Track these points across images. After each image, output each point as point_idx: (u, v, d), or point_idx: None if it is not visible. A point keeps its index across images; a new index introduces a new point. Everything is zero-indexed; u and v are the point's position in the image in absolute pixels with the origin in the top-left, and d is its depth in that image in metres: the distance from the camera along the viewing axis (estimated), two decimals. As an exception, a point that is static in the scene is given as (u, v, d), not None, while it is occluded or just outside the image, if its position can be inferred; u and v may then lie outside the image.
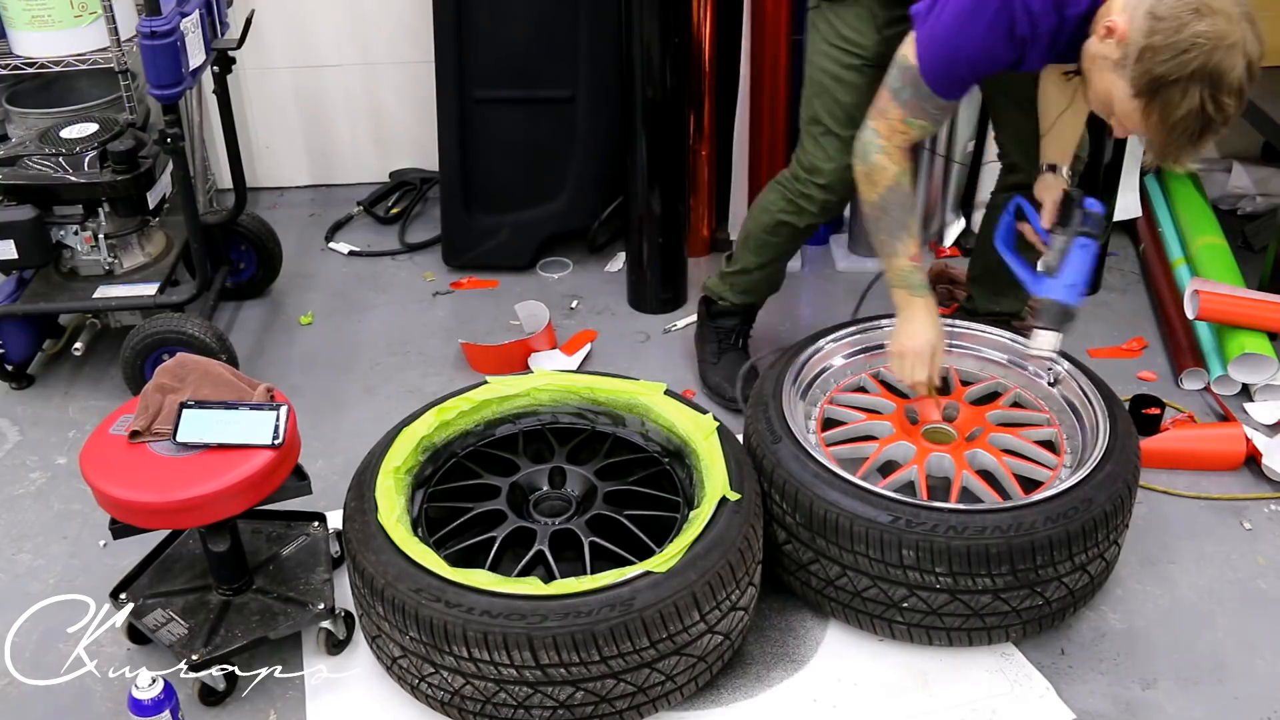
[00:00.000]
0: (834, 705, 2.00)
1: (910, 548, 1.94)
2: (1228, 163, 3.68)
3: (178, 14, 2.53)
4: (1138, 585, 2.26)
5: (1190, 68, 1.74)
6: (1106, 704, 2.02)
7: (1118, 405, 2.24)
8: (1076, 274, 2.21)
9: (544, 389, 2.31)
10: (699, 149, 3.24)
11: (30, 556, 2.37)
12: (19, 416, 2.80)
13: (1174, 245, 3.23)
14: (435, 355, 3.02)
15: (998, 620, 2.02)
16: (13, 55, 2.94)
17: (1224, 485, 2.52)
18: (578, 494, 2.17)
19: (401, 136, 3.82)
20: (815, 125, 2.40)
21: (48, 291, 2.80)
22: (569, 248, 3.45)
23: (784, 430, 2.15)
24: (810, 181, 2.44)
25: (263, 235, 3.19)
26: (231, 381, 2.06)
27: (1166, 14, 1.75)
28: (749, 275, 2.70)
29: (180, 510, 1.89)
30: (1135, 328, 3.08)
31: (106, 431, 1.98)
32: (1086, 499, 2.00)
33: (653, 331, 3.11)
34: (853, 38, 2.30)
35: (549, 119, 3.24)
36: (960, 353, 2.48)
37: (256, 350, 3.04)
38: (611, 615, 1.78)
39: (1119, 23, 1.81)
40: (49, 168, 2.71)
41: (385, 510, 1.97)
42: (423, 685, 1.91)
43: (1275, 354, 2.74)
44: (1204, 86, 1.75)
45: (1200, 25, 1.73)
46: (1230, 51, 1.74)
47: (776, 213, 2.54)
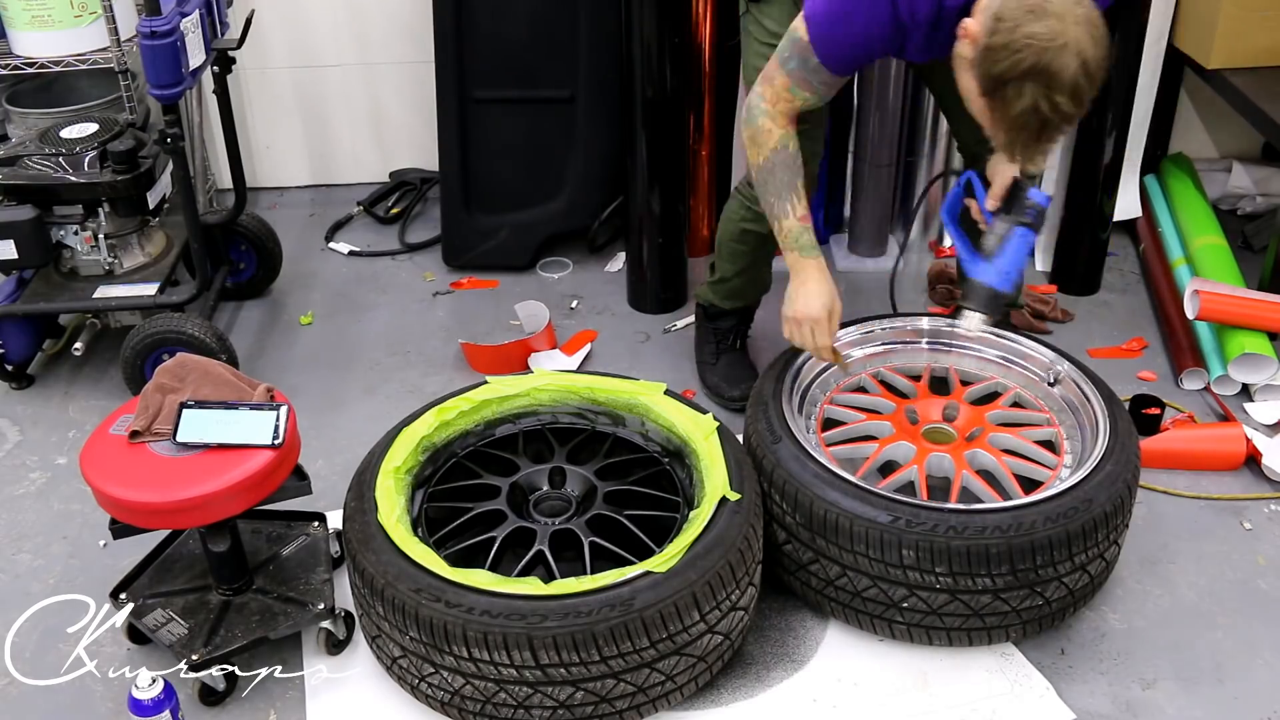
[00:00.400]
0: (834, 705, 2.01)
1: (910, 548, 1.94)
2: (1228, 163, 3.68)
3: (178, 14, 2.53)
4: (1138, 585, 2.26)
5: (1022, 67, 1.79)
6: (1106, 704, 2.02)
7: (1118, 405, 2.24)
8: (1011, 261, 2.22)
9: (544, 389, 2.31)
10: (699, 149, 3.24)
11: (30, 556, 2.37)
12: (19, 416, 2.80)
13: (1174, 245, 3.23)
14: (435, 355, 3.02)
15: (998, 620, 2.02)
16: (13, 55, 2.95)
17: (1224, 485, 2.52)
18: (578, 494, 2.17)
19: (401, 136, 3.82)
20: None
21: (48, 291, 2.80)
22: (569, 248, 3.45)
23: (784, 430, 2.15)
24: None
25: (263, 235, 3.19)
26: (231, 381, 2.06)
27: (1006, 15, 1.82)
28: (729, 283, 2.72)
29: (180, 510, 1.89)
30: (1135, 328, 3.08)
31: (106, 431, 1.98)
32: (1086, 499, 2.00)
33: (653, 331, 3.11)
34: (777, 30, 2.30)
35: (549, 119, 3.25)
36: (960, 353, 2.48)
37: (256, 350, 3.04)
38: (611, 615, 1.78)
39: (972, 24, 1.87)
40: (49, 168, 2.71)
41: (385, 510, 1.97)
42: (423, 685, 1.91)
43: (1275, 354, 2.74)
44: (1037, 85, 1.80)
45: (1034, 26, 1.79)
46: (1061, 52, 1.78)
47: (739, 221, 2.57)
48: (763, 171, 2.23)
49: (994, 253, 2.22)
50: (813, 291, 2.25)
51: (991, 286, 2.21)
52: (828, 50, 2.07)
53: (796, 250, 2.25)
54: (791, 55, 2.12)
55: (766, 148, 2.21)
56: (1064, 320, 3.09)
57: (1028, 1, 1.80)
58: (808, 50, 2.08)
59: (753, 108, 2.21)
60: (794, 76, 2.13)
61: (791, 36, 2.12)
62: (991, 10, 1.84)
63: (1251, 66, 3.11)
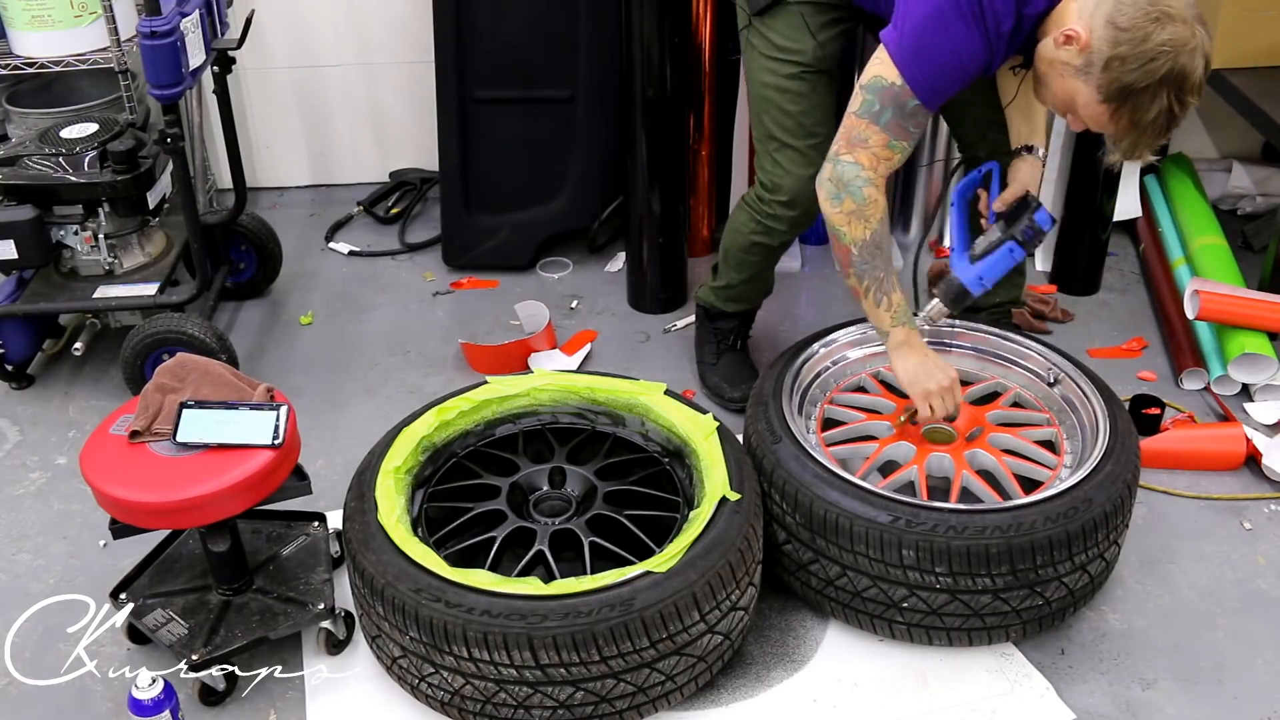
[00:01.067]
0: (834, 705, 2.01)
1: (910, 548, 1.94)
2: (1228, 163, 3.68)
3: (178, 14, 2.53)
4: (1138, 585, 2.26)
5: (1159, 74, 1.82)
6: (1106, 704, 2.02)
7: (1118, 405, 2.24)
8: (990, 270, 2.24)
9: (544, 389, 2.31)
10: (699, 149, 3.24)
11: (30, 556, 2.37)
12: (19, 416, 2.80)
13: (1174, 245, 3.23)
14: (435, 355, 3.02)
15: (998, 620, 2.02)
16: (13, 55, 2.94)
17: (1224, 485, 2.52)
18: (578, 494, 2.17)
19: (401, 136, 3.82)
20: (770, 141, 2.39)
21: (48, 291, 2.80)
22: (569, 248, 3.45)
23: (784, 430, 2.15)
24: (774, 201, 2.43)
25: (263, 235, 3.19)
26: (231, 381, 2.06)
27: (1129, 25, 1.82)
28: (734, 289, 2.71)
29: (180, 510, 1.89)
30: (1135, 328, 3.08)
31: (106, 431, 1.98)
32: (1086, 499, 2.00)
33: (653, 331, 3.11)
34: (789, 46, 2.29)
35: (549, 119, 3.25)
36: (960, 353, 2.48)
37: (256, 350, 3.04)
38: (611, 615, 1.78)
39: (1079, 31, 1.87)
40: (49, 168, 2.71)
41: (385, 510, 1.97)
42: (423, 685, 1.91)
43: (1275, 354, 2.74)
44: (1171, 89, 1.84)
45: (1163, 34, 1.81)
46: (1192, 55, 1.83)
47: (748, 234, 2.54)
48: (868, 248, 2.11)
49: (979, 256, 2.24)
50: (936, 363, 2.21)
51: (964, 285, 2.24)
52: (926, 84, 2.00)
53: (906, 324, 2.19)
54: (885, 106, 2.02)
55: (874, 220, 2.09)
56: (1064, 320, 3.09)
57: (1148, 9, 1.81)
58: (904, 94, 2.00)
59: (849, 180, 2.07)
60: (891, 129, 2.04)
61: (876, 87, 2.02)
62: (1102, 17, 1.83)
63: (1251, 66, 3.11)
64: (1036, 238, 2.23)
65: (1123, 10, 1.82)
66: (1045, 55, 1.95)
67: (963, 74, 2.02)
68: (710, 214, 3.39)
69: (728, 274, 2.69)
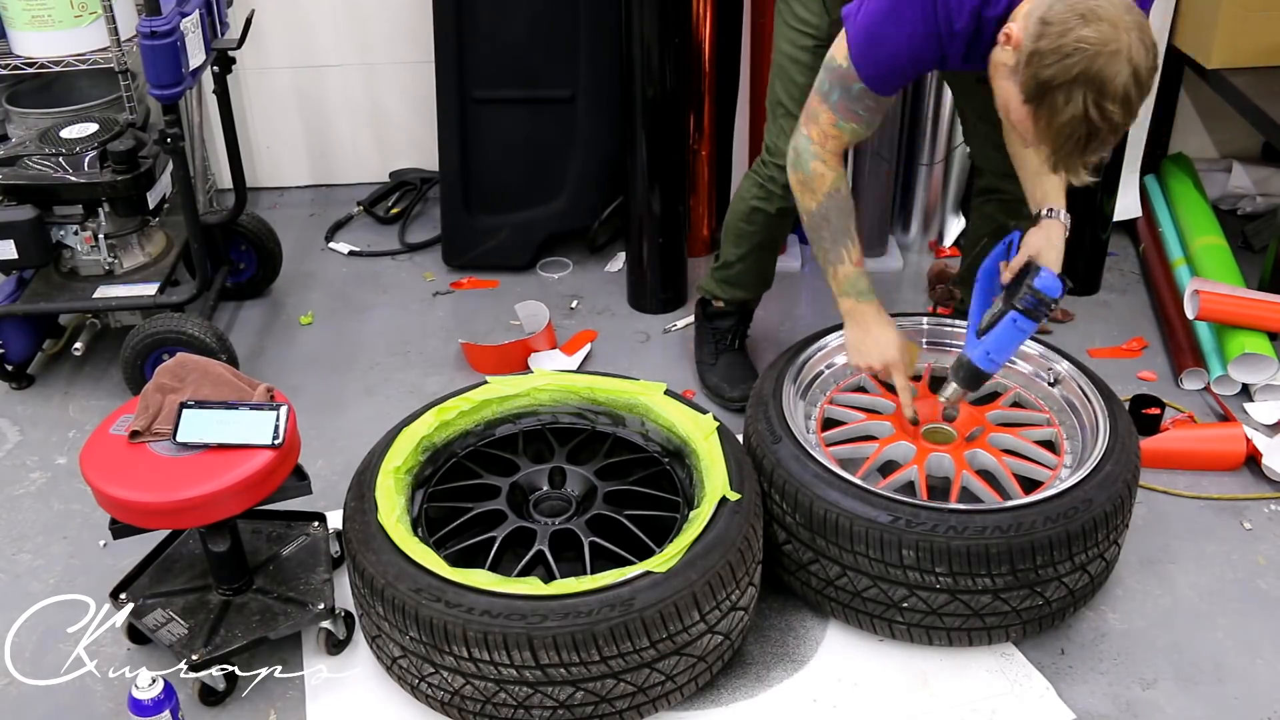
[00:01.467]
0: (834, 705, 2.00)
1: (910, 548, 1.94)
2: (1228, 163, 3.68)
3: (178, 14, 2.53)
4: (1138, 585, 2.26)
5: (1073, 72, 1.73)
6: (1106, 704, 2.02)
7: (1118, 405, 2.24)
8: (997, 344, 2.13)
9: (544, 389, 2.31)
10: (699, 149, 3.24)
11: (30, 556, 2.37)
12: (19, 416, 2.80)
13: (1174, 245, 3.23)
14: (435, 355, 3.02)
15: (998, 620, 2.02)
16: (13, 55, 2.94)
17: (1224, 485, 2.52)
18: (578, 494, 2.17)
19: (401, 136, 3.82)
20: (778, 107, 2.44)
21: (48, 291, 2.80)
22: (569, 248, 3.45)
23: (784, 430, 2.15)
24: (773, 163, 2.46)
25: (263, 235, 3.19)
26: (231, 381, 2.06)
27: (1054, 19, 1.76)
28: (732, 268, 2.71)
29: (180, 510, 1.89)
30: (1135, 328, 3.08)
31: (106, 431, 1.98)
32: (1086, 499, 2.00)
33: (653, 331, 3.11)
34: (806, 18, 2.32)
35: (549, 119, 3.25)
36: (960, 353, 2.48)
37: (256, 350, 3.04)
38: (611, 615, 1.78)
39: (1014, 29, 1.83)
40: (49, 168, 2.71)
41: (385, 510, 1.97)
42: (423, 685, 1.91)
43: (1275, 354, 2.74)
44: (1087, 91, 1.74)
45: (1085, 30, 1.73)
46: (1113, 58, 1.72)
47: (749, 199, 2.56)
48: (815, 217, 2.19)
49: (984, 330, 2.16)
50: (879, 337, 2.22)
51: (974, 364, 2.15)
52: (870, 71, 2.02)
53: (854, 296, 2.21)
54: (833, 86, 2.07)
55: (820, 192, 2.16)
56: (1064, 320, 3.09)
57: (1077, 6, 1.74)
58: (849, 76, 2.03)
59: (801, 151, 2.16)
60: (838, 109, 2.08)
61: (830, 66, 2.07)
62: (1036, 14, 1.78)
63: (1251, 66, 3.11)
64: (1040, 306, 2.08)
65: (1054, 7, 1.76)
66: (993, 59, 1.90)
67: (912, 66, 2.03)
68: (710, 214, 3.39)
69: (727, 250, 2.70)
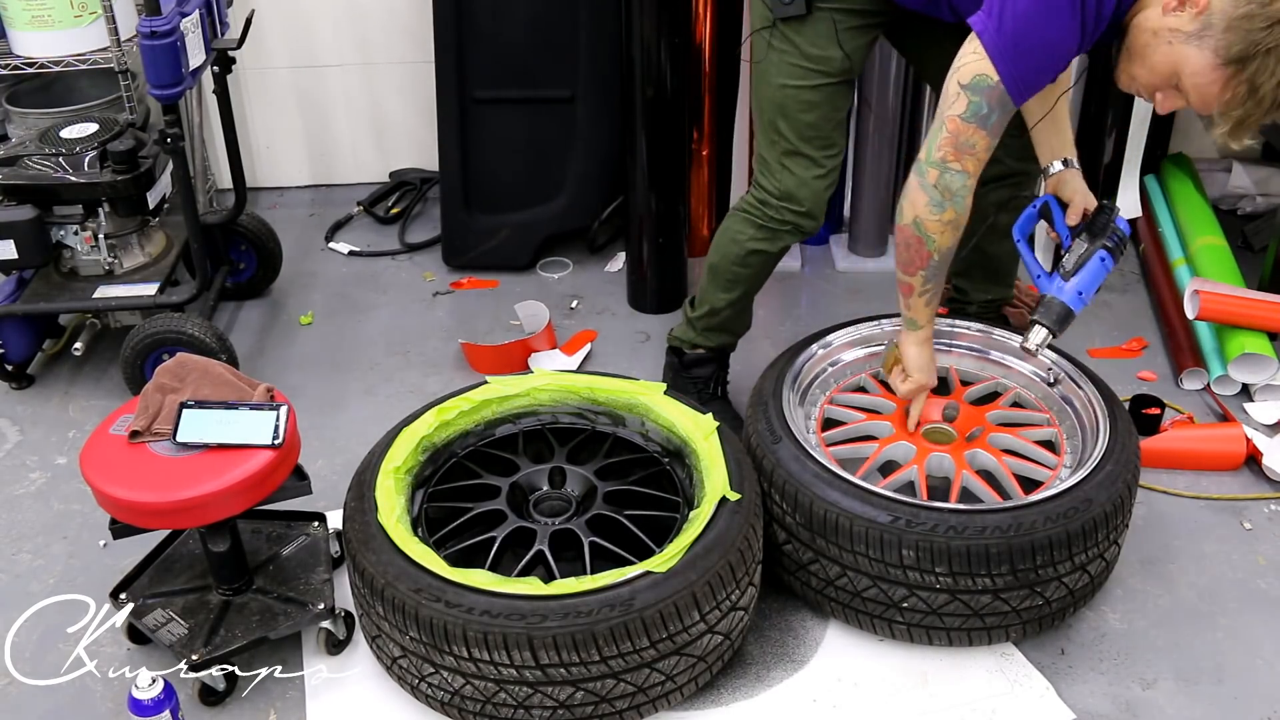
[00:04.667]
0: (834, 705, 2.01)
1: (910, 548, 1.94)
2: (1228, 163, 3.68)
3: (178, 14, 2.53)
4: (1138, 585, 2.26)
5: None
6: (1106, 704, 2.02)
7: (1118, 405, 2.24)
8: (1088, 282, 2.19)
9: (544, 389, 2.31)
10: (699, 149, 3.24)
11: (30, 556, 2.37)
12: (19, 416, 2.80)
13: (1174, 245, 3.23)
14: (435, 355, 3.02)
15: (998, 620, 2.02)
16: (13, 55, 2.94)
17: (1224, 485, 2.52)
18: (578, 494, 2.17)
19: (401, 136, 3.82)
20: (781, 145, 2.31)
21: (48, 291, 2.80)
22: (569, 248, 3.45)
23: (784, 430, 2.15)
24: (787, 209, 2.35)
25: (263, 235, 3.19)
26: (231, 381, 2.06)
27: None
28: (719, 315, 2.56)
29: (180, 510, 1.89)
30: (1135, 328, 3.08)
31: (106, 431, 1.98)
32: (1086, 499, 2.00)
33: (653, 331, 3.11)
34: (817, 54, 2.21)
35: (549, 119, 3.25)
36: (960, 353, 2.48)
37: (256, 350, 3.04)
38: (611, 615, 1.78)
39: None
40: (49, 168, 2.71)
41: (385, 510, 1.97)
42: (423, 685, 1.91)
43: (1275, 354, 2.74)
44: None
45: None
46: None
47: (746, 242, 2.42)
48: (948, 254, 2.10)
49: (1073, 272, 2.18)
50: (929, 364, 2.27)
51: (1067, 305, 2.18)
52: (1023, 81, 1.92)
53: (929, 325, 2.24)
54: (991, 108, 1.93)
55: (961, 228, 2.06)
56: (1064, 320, 3.09)
57: None
58: (1002, 91, 1.92)
59: (955, 190, 2.01)
60: (995, 131, 1.96)
61: (983, 85, 1.92)
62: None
63: (1251, 66, 3.10)
64: (1123, 243, 2.20)
65: None
66: (1148, 26, 1.86)
67: (1056, 68, 1.95)
68: (710, 214, 3.39)
69: (713, 297, 2.54)
